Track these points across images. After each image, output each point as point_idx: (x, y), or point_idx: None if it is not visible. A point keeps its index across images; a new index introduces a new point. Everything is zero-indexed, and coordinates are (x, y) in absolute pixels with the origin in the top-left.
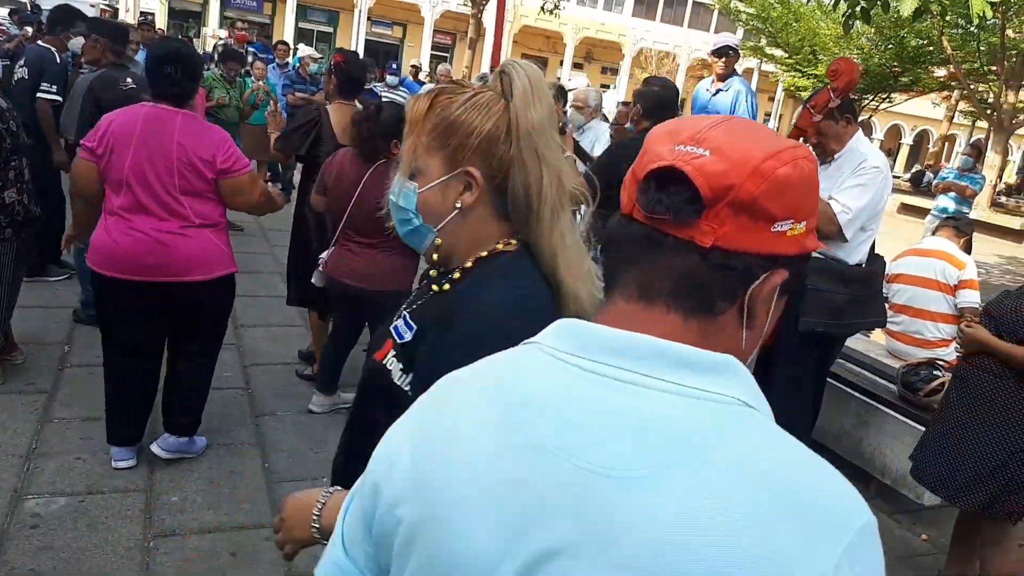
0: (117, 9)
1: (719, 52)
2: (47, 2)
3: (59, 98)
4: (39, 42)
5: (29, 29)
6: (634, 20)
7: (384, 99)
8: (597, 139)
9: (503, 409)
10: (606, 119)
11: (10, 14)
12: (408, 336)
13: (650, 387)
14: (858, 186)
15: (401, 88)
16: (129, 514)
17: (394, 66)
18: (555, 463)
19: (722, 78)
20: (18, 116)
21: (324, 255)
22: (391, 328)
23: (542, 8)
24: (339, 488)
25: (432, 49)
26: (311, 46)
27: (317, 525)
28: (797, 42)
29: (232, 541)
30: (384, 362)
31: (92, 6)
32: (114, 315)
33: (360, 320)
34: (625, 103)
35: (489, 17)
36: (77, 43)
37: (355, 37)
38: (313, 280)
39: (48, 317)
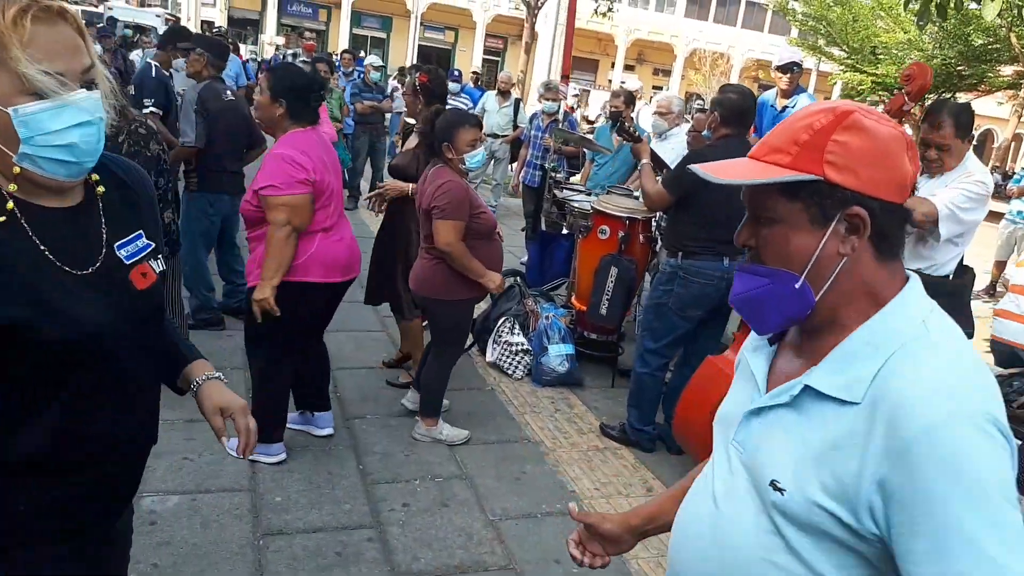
0: (179, 18)
1: (785, 68)
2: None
3: (159, 111)
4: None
5: (99, 48)
6: (686, 21)
7: (448, 106)
8: (679, 145)
9: None
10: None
11: (86, 26)
12: None
13: None
14: (963, 193)
15: (462, 95)
16: (238, 513)
17: (455, 73)
18: None
19: (787, 94)
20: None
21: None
22: None
23: (595, 11)
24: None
25: (484, 53)
26: (365, 52)
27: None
28: (857, 42)
29: (336, 541)
30: None
31: (157, 16)
32: (317, 318)
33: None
34: (702, 110)
35: (541, 22)
36: (181, 63)
37: (409, 43)
38: None
39: None
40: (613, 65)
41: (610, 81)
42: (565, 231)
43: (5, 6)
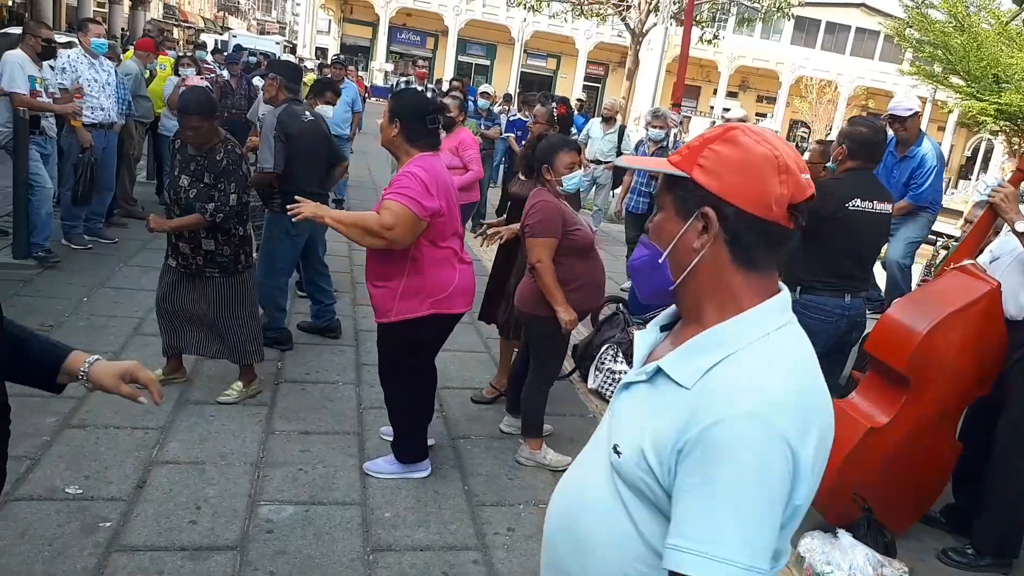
0: (295, 45)
1: (899, 118)
2: (243, 42)
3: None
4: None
5: (226, 73)
6: (792, 48)
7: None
8: None
9: None
10: None
11: (213, 53)
12: None
13: None
14: None
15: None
16: (349, 526)
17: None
18: None
19: (908, 142)
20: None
21: None
22: None
23: (700, 38)
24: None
25: (584, 80)
26: (470, 79)
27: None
28: (979, 69)
29: (443, 560)
30: None
31: (277, 43)
32: (442, 341)
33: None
34: (821, 142)
35: (644, 48)
36: (258, 82)
37: (512, 70)
38: None
39: None
40: (715, 92)
41: (711, 108)
42: None
43: None
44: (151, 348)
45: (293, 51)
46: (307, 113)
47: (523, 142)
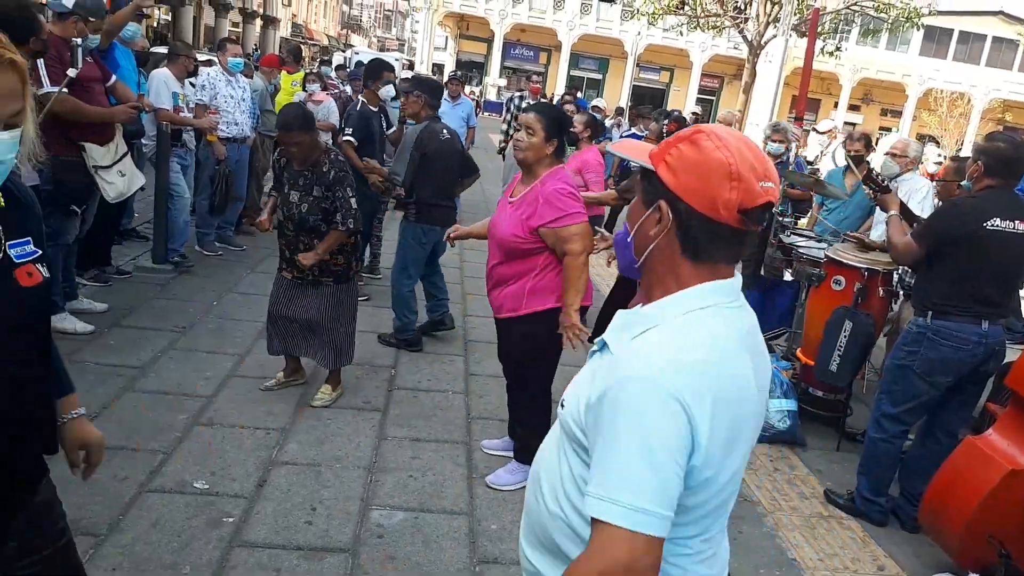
0: (413, 62)
1: None
2: (364, 58)
3: (354, 140)
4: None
5: (348, 88)
6: (921, 59)
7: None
8: (911, 193)
9: None
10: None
11: (337, 69)
12: None
13: None
14: None
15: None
16: (456, 536)
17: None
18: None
19: None
20: None
21: None
22: None
23: (822, 50)
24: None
25: (699, 92)
26: (582, 93)
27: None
28: None
29: None
30: None
31: (396, 60)
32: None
33: None
34: (955, 158)
35: (762, 60)
36: (387, 91)
37: (624, 83)
38: None
39: (376, 341)
40: (836, 105)
41: (832, 120)
42: (788, 277)
43: None
44: None
45: (411, 67)
46: (444, 132)
47: None
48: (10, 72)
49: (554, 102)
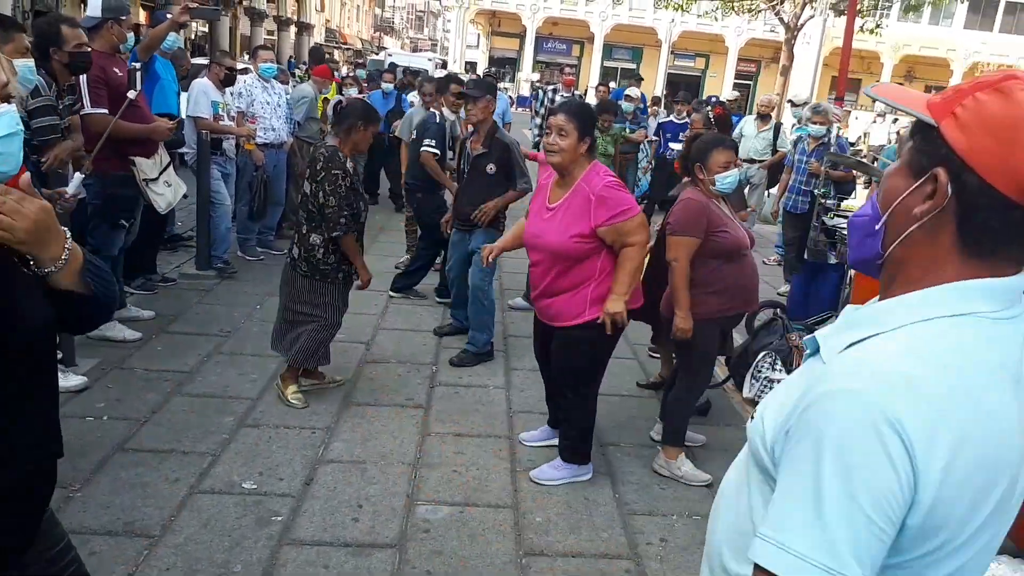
0: (446, 61)
1: None
2: (397, 60)
3: (438, 151)
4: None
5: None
6: (966, 32)
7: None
8: None
9: None
10: None
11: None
12: None
13: None
14: None
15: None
16: (501, 529)
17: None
18: None
19: None
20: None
21: None
22: None
23: (861, 27)
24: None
25: (735, 78)
26: (615, 83)
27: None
28: None
29: (595, 568)
30: None
31: (429, 60)
32: (615, 342)
33: None
34: None
35: (799, 42)
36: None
37: (658, 71)
38: None
39: (416, 339)
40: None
41: (873, 101)
42: (834, 261)
43: None
44: None
45: (444, 66)
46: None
47: (669, 145)
48: None
49: (589, 95)
